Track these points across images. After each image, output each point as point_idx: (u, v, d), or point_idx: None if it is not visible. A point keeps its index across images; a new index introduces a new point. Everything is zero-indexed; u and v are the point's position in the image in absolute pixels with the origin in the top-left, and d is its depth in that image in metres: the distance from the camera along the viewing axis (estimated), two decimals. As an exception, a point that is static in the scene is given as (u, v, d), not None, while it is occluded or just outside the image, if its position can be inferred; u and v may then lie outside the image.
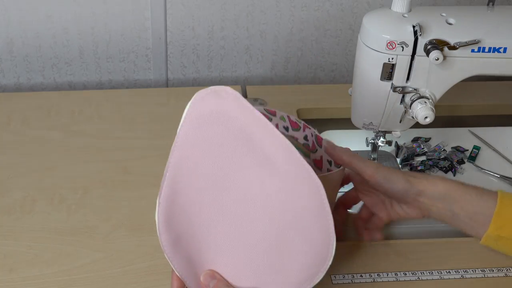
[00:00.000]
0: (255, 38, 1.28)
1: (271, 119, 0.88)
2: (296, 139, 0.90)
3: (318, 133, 0.89)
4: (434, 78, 0.90)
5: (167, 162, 0.73)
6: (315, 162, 0.90)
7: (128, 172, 1.02)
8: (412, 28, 0.88)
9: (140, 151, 1.06)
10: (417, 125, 0.95)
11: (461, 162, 1.10)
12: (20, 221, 0.92)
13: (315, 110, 1.19)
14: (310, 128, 0.90)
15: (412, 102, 0.91)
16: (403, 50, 0.88)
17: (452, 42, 0.88)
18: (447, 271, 0.87)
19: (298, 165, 0.70)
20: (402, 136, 1.03)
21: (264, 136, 0.71)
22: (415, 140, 1.14)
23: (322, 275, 0.72)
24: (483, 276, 0.87)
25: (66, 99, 1.17)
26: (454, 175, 1.08)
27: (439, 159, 1.09)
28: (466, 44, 0.87)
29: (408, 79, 0.91)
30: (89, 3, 1.21)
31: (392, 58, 0.89)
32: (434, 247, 0.90)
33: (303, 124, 0.90)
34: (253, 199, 0.72)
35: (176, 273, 0.75)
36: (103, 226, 0.92)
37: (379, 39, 0.88)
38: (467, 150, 1.12)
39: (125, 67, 1.29)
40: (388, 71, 0.90)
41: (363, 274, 0.86)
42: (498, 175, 1.07)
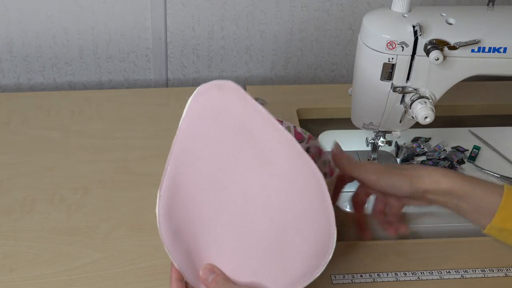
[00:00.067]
0: (255, 38, 1.28)
1: None
2: None
3: (321, 145, 0.88)
4: (434, 78, 0.90)
5: (168, 155, 0.73)
6: None
7: (128, 172, 1.02)
8: (412, 28, 0.88)
9: (140, 151, 1.06)
10: (417, 125, 0.95)
11: (461, 162, 1.10)
12: (20, 221, 0.92)
13: (315, 110, 1.19)
14: (314, 139, 0.88)
15: (412, 102, 0.91)
16: (403, 50, 0.88)
17: (452, 42, 0.88)
18: (447, 271, 0.87)
19: (300, 159, 0.70)
20: (402, 136, 1.03)
21: (267, 131, 0.71)
22: (415, 140, 1.14)
23: (323, 268, 0.72)
24: (483, 276, 0.87)
25: (66, 99, 1.17)
26: (454, 175, 1.08)
27: (439, 159, 1.09)
28: (466, 44, 0.87)
29: (408, 79, 0.91)
30: (89, 3, 1.20)
31: (392, 58, 0.89)
32: (434, 247, 0.90)
33: (308, 135, 0.88)
34: (253, 197, 0.72)
35: (175, 265, 0.74)
36: (103, 226, 0.92)
37: (379, 39, 0.88)
38: (467, 150, 1.12)
39: (125, 67, 1.28)
40: (388, 71, 0.90)
41: (363, 274, 0.86)
42: (498, 175, 1.07)
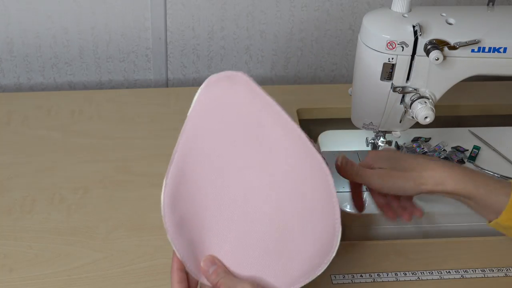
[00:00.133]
0: (255, 38, 1.28)
1: None
2: None
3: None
4: (434, 78, 0.90)
5: (176, 144, 0.73)
6: None
7: (128, 172, 1.02)
8: (412, 28, 0.87)
9: (140, 151, 1.06)
10: (417, 125, 0.95)
11: (461, 162, 1.09)
12: (20, 221, 0.92)
13: (315, 110, 1.19)
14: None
15: (412, 102, 0.91)
16: (403, 50, 0.88)
17: (452, 42, 0.87)
18: (447, 271, 0.87)
19: (309, 156, 0.69)
20: (402, 136, 1.03)
21: (276, 124, 0.71)
22: (415, 140, 1.13)
23: (324, 267, 0.72)
24: (483, 276, 0.87)
25: (66, 99, 1.17)
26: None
27: (439, 159, 1.09)
28: (466, 44, 0.87)
29: (408, 79, 0.91)
30: (89, 3, 1.20)
31: (392, 58, 0.89)
32: (434, 247, 0.90)
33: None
34: (259, 188, 0.72)
35: (177, 255, 0.73)
36: (103, 226, 0.92)
37: (379, 39, 0.88)
38: (467, 150, 1.12)
39: (125, 67, 1.28)
40: (388, 71, 0.90)
41: (363, 274, 0.86)
42: (498, 175, 1.07)
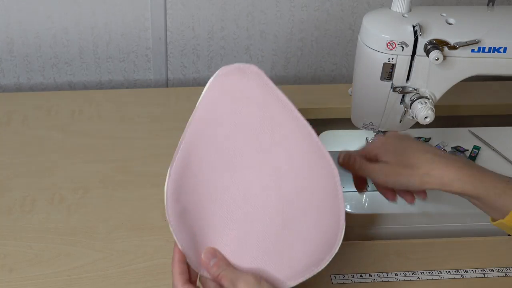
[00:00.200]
0: (255, 38, 1.28)
1: None
2: None
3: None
4: (434, 78, 0.90)
5: (182, 134, 0.72)
6: None
7: (128, 172, 1.02)
8: (412, 28, 0.87)
9: (140, 151, 1.06)
10: (417, 125, 0.95)
11: (461, 162, 1.09)
12: (20, 221, 0.92)
13: (315, 110, 1.19)
14: None
15: (412, 102, 0.91)
16: (403, 50, 0.88)
17: (452, 42, 0.87)
18: (447, 271, 0.87)
19: (316, 152, 0.69)
20: (402, 136, 1.03)
21: (285, 118, 0.70)
22: (415, 140, 1.14)
23: (328, 261, 0.71)
24: (483, 276, 0.87)
25: (66, 99, 1.17)
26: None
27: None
28: (466, 44, 0.87)
29: (408, 79, 0.91)
30: (89, 3, 1.20)
31: (392, 58, 0.89)
32: (434, 247, 0.90)
33: None
34: (264, 182, 0.72)
35: (179, 246, 0.72)
36: (103, 226, 0.92)
37: (379, 39, 0.88)
38: (467, 150, 1.12)
39: (125, 67, 1.28)
40: (388, 71, 0.90)
41: (363, 274, 0.86)
42: (498, 175, 1.07)
